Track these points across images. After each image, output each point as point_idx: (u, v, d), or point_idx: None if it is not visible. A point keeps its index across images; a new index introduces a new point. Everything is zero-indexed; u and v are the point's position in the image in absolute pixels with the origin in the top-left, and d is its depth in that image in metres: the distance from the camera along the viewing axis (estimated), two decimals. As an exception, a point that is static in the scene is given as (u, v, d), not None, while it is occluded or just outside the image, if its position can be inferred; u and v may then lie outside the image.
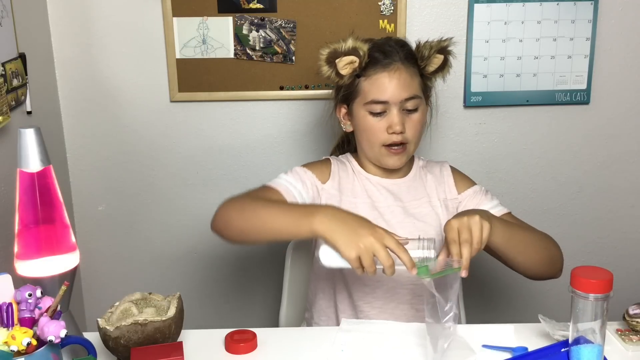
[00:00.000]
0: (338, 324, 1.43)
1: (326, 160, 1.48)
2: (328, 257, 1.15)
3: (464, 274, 1.11)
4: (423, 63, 1.36)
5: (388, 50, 1.34)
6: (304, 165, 1.44)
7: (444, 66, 1.39)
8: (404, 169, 1.44)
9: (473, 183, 1.47)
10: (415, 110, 1.35)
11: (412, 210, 1.41)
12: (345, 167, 1.45)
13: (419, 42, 1.38)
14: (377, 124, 1.34)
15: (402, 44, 1.38)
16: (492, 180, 1.90)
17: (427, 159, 1.52)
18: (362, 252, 1.09)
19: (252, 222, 1.23)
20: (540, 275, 1.33)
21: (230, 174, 1.91)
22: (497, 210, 1.39)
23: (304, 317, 1.56)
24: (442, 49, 1.37)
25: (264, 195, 1.32)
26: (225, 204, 1.30)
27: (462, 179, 1.48)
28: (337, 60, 1.33)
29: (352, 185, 1.43)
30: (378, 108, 1.33)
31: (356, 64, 1.33)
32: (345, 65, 1.34)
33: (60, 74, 1.81)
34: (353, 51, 1.32)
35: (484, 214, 1.17)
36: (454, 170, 1.49)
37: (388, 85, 1.32)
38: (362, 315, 1.42)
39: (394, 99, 1.32)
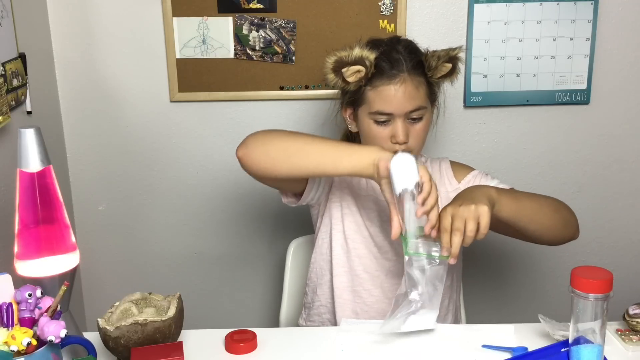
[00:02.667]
0: (334, 309, 1.44)
1: None
2: (402, 165, 1.12)
3: (452, 261, 1.12)
4: (430, 72, 1.35)
5: (395, 59, 1.33)
6: None
7: (452, 73, 1.38)
8: None
9: (472, 169, 1.48)
10: (419, 119, 1.35)
11: None
12: None
13: (427, 51, 1.36)
14: (381, 132, 1.34)
15: (410, 51, 1.36)
16: (492, 180, 1.90)
17: (429, 156, 1.53)
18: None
19: (305, 144, 1.22)
20: (556, 239, 1.34)
21: (230, 174, 1.91)
22: None
23: (302, 302, 1.56)
24: (450, 57, 1.36)
25: None
26: (263, 131, 1.29)
27: (461, 168, 1.48)
28: (343, 70, 1.32)
29: (357, 180, 1.44)
30: (382, 118, 1.33)
31: (362, 74, 1.32)
32: (352, 74, 1.33)
33: (60, 74, 1.81)
34: (359, 60, 1.31)
35: (483, 196, 1.16)
36: (453, 162, 1.50)
37: (393, 97, 1.31)
38: (359, 301, 1.43)
39: (399, 111, 1.32)
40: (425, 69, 1.35)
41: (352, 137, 1.54)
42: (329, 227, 1.45)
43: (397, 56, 1.33)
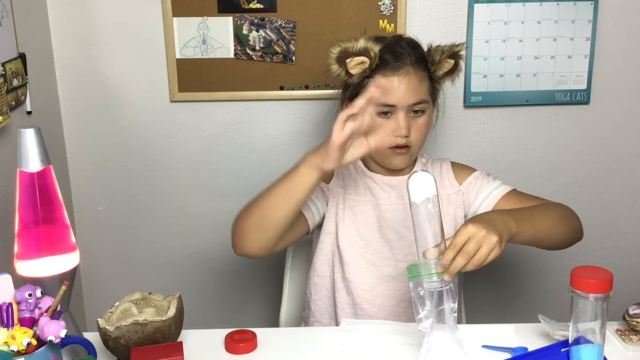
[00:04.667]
0: (337, 322, 1.44)
1: None
2: (421, 180, 1.10)
3: (446, 277, 1.09)
4: (433, 67, 1.36)
5: (399, 53, 1.33)
6: None
7: (454, 70, 1.39)
8: (408, 167, 1.44)
9: (473, 170, 1.47)
10: (422, 114, 1.35)
11: None
12: (348, 166, 1.45)
13: (430, 46, 1.37)
14: (383, 126, 1.34)
15: (414, 46, 1.37)
16: (492, 180, 1.90)
17: (430, 157, 1.52)
18: None
19: (264, 207, 1.23)
20: (564, 247, 1.35)
21: (230, 174, 1.91)
22: (501, 190, 1.40)
23: (302, 316, 1.56)
24: (454, 53, 1.37)
25: None
26: (234, 222, 1.31)
27: (462, 170, 1.48)
28: (347, 60, 1.33)
29: (355, 183, 1.44)
30: (385, 110, 1.33)
31: (366, 65, 1.32)
32: (356, 65, 1.33)
33: (60, 74, 1.81)
34: (364, 52, 1.31)
35: (506, 230, 1.13)
36: (454, 164, 1.49)
37: (397, 89, 1.31)
38: (362, 313, 1.42)
39: (402, 103, 1.32)
40: (429, 63, 1.36)
41: None
42: (325, 243, 1.45)
43: (401, 50, 1.34)
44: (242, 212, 1.28)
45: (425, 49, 1.39)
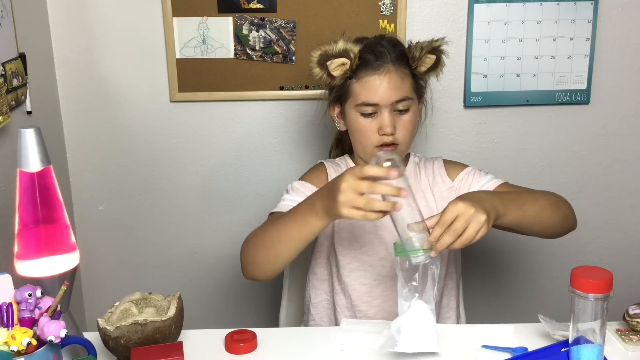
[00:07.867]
0: (336, 324, 1.44)
1: (320, 165, 1.48)
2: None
3: (432, 254, 1.09)
4: (414, 64, 1.36)
5: (379, 52, 1.34)
6: (301, 179, 1.44)
7: (436, 66, 1.39)
8: None
9: (465, 166, 1.47)
10: (406, 111, 1.35)
11: None
12: (341, 169, 1.45)
13: (411, 43, 1.38)
14: (369, 125, 1.34)
15: (394, 44, 1.38)
16: (492, 180, 1.90)
17: (422, 156, 1.53)
18: None
19: (274, 247, 1.23)
20: (556, 234, 1.34)
21: (230, 173, 1.91)
22: (492, 184, 1.39)
23: (302, 320, 1.56)
24: (434, 49, 1.37)
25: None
26: (243, 249, 1.30)
27: (454, 166, 1.48)
28: (328, 63, 1.33)
29: None
30: (369, 110, 1.33)
31: (347, 66, 1.33)
32: (337, 67, 1.34)
33: (60, 74, 1.81)
34: (344, 53, 1.32)
35: (493, 210, 1.13)
36: (446, 161, 1.50)
37: (378, 87, 1.32)
38: (360, 315, 1.42)
39: (385, 101, 1.32)
40: (409, 60, 1.36)
41: (342, 138, 1.55)
42: (323, 246, 1.45)
43: (381, 49, 1.35)
44: (251, 244, 1.28)
45: (406, 44, 1.39)
